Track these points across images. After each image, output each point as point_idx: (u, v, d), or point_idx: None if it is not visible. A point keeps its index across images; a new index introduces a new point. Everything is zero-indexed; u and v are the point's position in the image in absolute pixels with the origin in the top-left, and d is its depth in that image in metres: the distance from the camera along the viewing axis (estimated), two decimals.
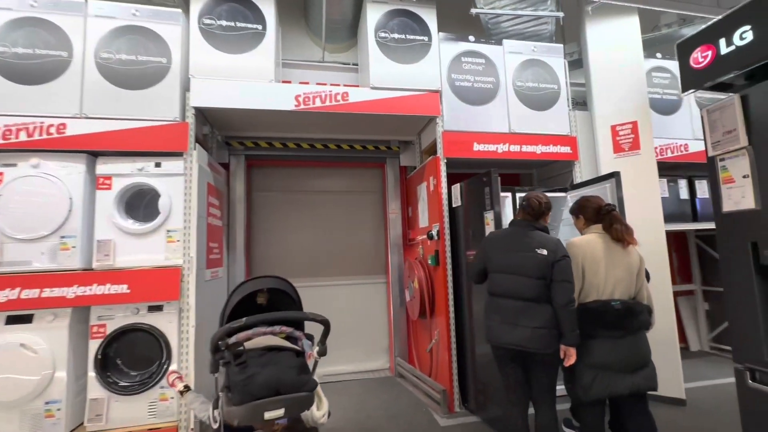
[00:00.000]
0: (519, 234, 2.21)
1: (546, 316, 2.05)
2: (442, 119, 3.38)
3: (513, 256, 2.14)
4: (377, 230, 4.49)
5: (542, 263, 2.06)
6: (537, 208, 2.22)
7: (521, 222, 2.26)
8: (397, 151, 4.23)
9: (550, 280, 2.06)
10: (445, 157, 3.33)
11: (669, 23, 3.91)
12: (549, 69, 3.67)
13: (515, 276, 2.12)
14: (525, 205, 2.26)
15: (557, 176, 3.92)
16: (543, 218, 2.26)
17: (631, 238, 2.06)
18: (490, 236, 2.39)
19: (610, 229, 2.10)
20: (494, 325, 2.17)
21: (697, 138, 3.94)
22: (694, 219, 3.98)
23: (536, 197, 2.25)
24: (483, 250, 2.32)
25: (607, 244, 2.09)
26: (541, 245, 2.10)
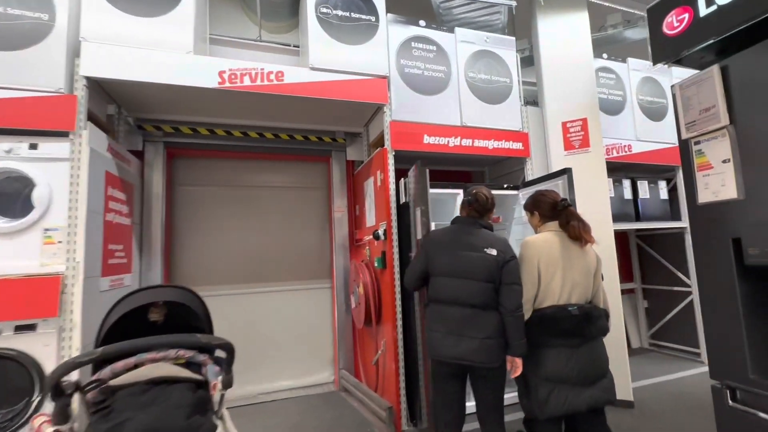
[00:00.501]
0: (465, 232, 1.99)
1: (494, 324, 1.86)
2: (390, 108, 3.09)
3: (459, 257, 1.92)
4: (322, 230, 4.10)
5: (491, 265, 1.86)
6: (484, 204, 2.03)
7: (467, 219, 2.05)
8: (343, 143, 3.88)
9: (498, 284, 1.88)
10: (393, 150, 3.04)
11: (615, 24, 3.95)
12: (501, 62, 3.52)
13: (461, 280, 1.89)
14: (471, 200, 2.05)
15: (509, 174, 3.79)
16: (488, 215, 2.08)
17: (588, 236, 1.88)
18: (432, 235, 2.14)
19: (567, 226, 1.91)
20: (438, 336, 1.91)
21: (639, 139, 4.01)
22: (636, 219, 4.04)
23: (483, 192, 2.06)
24: (423, 251, 2.07)
25: (563, 243, 1.90)
26: (490, 244, 1.91)
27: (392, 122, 3.07)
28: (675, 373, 3.74)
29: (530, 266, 1.87)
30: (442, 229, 2.15)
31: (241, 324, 3.67)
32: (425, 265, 2.02)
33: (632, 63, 4.11)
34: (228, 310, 3.65)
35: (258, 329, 3.74)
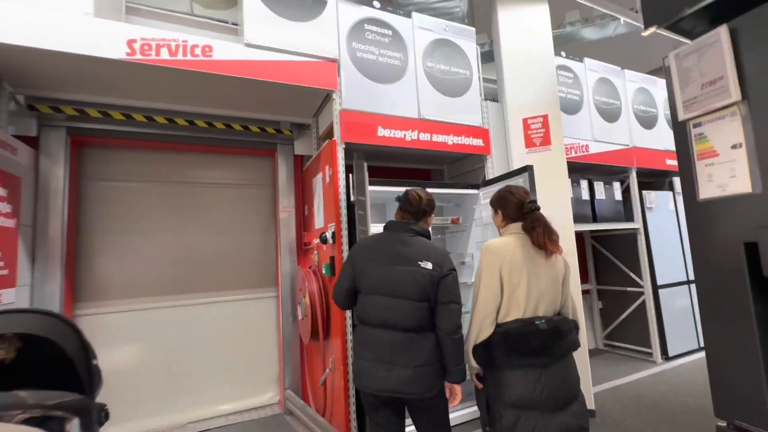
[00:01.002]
0: (397, 241, 1.71)
1: (430, 349, 1.62)
2: (340, 95, 2.76)
3: (390, 272, 1.64)
4: (266, 233, 3.67)
5: (426, 280, 1.61)
6: (417, 205, 1.76)
7: (399, 224, 1.77)
8: (290, 136, 3.48)
9: (434, 302, 1.63)
10: (344, 142, 2.70)
11: (573, 21, 3.90)
12: (461, 52, 3.31)
13: (392, 299, 1.62)
14: (402, 200, 1.79)
15: (469, 172, 3.59)
16: (425, 220, 1.81)
17: (554, 246, 1.64)
18: (359, 244, 1.84)
19: (532, 231, 1.67)
20: (365, 365, 1.64)
21: (596, 140, 3.98)
22: (593, 220, 4.01)
23: (416, 192, 1.80)
24: (349, 263, 1.77)
25: (527, 248, 1.65)
26: (425, 256, 1.65)
27: (342, 111, 2.73)
28: (631, 374, 3.72)
29: (492, 274, 1.61)
30: (372, 236, 1.85)
31: (168, 342, 3.16)
32: (352, 281, 1.73)
33: (589, 63, 4.08)
34: (152, 327, 3.13)
35: (190, 347, 3.24)
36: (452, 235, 3.58)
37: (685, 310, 4.34)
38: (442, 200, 3.44)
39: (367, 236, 1.90)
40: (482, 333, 1.61)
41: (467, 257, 3.36)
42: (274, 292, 3.58)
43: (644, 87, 4.55)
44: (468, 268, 3.37)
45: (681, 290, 4.36)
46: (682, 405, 2.95)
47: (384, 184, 2.77)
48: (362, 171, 2.32)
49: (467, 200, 3.32)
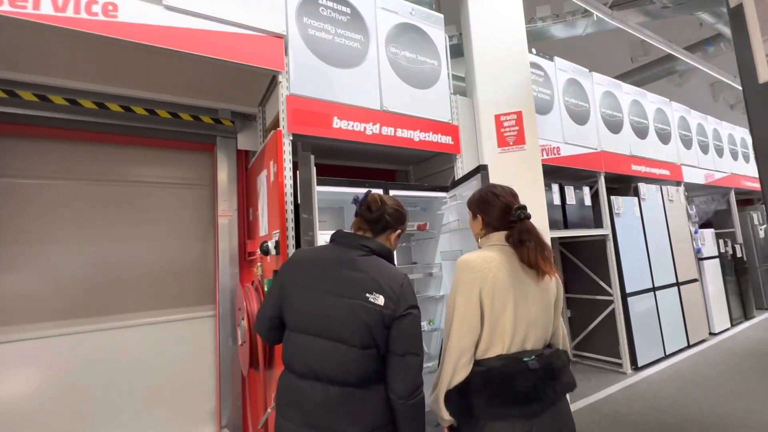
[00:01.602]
0: (341, 260, 1.27)
1: (378, 408, 1.18)
2: (288, 78, 2.32)
3: (325, 302, 1.20)
4: (204, 241, 3.12)
5: (374, 320, 1.17)
6: (378, 212, 1.33)
7: (349, 237, 1.33)
8: (231, 127, 2.98)
9: (385, 350, 1.20)
10: (291, 133, 2.27)
11: (543, 17, 3.71)
12: (429, 40, 2.98)
13: (326, 341, 1.18)
14: (359, 204, 1.37)
15: (437, 174, 3.26)
16: (387, 236, 1.39)
17: (548, 266, 1.29)
18: (294, 258, 1.36)
19: (520, 246, 1.31)
20: (289, 429, 1.20)
21: (567, 142, 3.81)
22: (564, 226, 3.82)
23: (379, 195, 1.38)
24: (278, 283, 1.32)
25: (513, 266, 1.31)
26: (377, 286, 1.20)
27: (290, 97, 2.30)
28: (603, 389, 3.53)
29: (469, 299, 1.25)
30: (312, 250, 1.39)
31: (81, 375, 2.54)
32: (278, 308, 1.28)
33: (559, 62, 3.92)
34: (59, 358, 2.50)
35: (108, 380, 2.63)
36: (419, 242, 3.23)
37: (651, 318, 4.26)
38: (407, 204, 3.07)
39: (306, 249, 1.44)
40: (457, 375, 1.24)
41: (435, 268, 3.02)
42: (212, 310, 3.04)
43: (610, 91, 4.48)
44: (436, 280, 3.03)
45: (648, 298, 4.29)
46: (662, 424, 2.76)
47: (337, 184, 2.36)
48: (308, 165, 1.90)
49: (435, 204, 2.98)
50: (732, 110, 10.13)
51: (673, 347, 4.39)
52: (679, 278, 4.73)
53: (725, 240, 5.81)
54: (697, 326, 4.81)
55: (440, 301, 2.99)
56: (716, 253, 5.54)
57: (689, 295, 4.80)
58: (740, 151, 6.81)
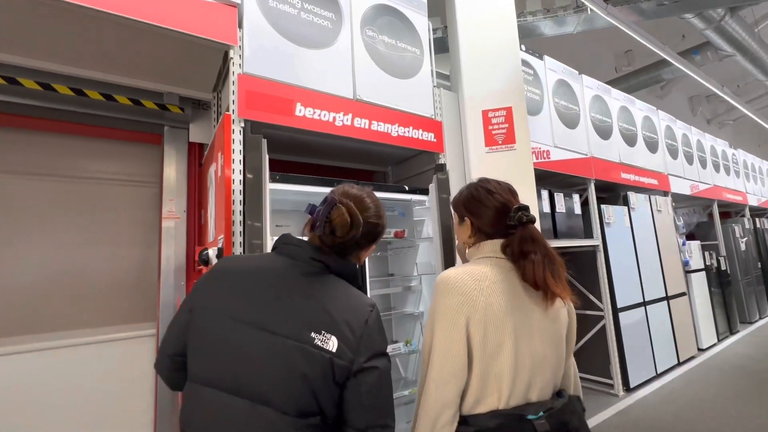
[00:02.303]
0: (285, 278, 0.88)
1: None
2: (242, 54, 1.95)
3: (246, 340, 0.81)
4: (148, 247, 2.69)
5: (319, 374, 0.78)
6: (344, 234, 0.91)
7: (299, 248, 0.93)
8: (180, 115, 2.58)
9: (335, 422, 0.81)
10: (243, 119, 1.89)
11: (534, 11, 3.49)
12: (410, 26, 2.68)
13: (241, 403, 0.78)
14: (318, 222, 0.91)
15: (418, 176, 2.93)
16: (357, 255, 1.01)
17: (560, 287, 0.95)
18: (215, 270, 0.94)
19: (522, 259, 0.97)
20: None
21: (557, 146, 3.56)
22: (554, 236, 3.55)
23: (348, 205, 0.92)
24: (187, 306, 0.91)
25: (512, 286, 0.97)
26: (329, 321, 0.82)
27: (243, 76, 1.93)
28: (596, 414, 3.23)
29: (453, 332, 0.90)
30: (244, 258, 0.96)
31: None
32: (182, 343, 0.88)
33: (549, 62, 3.69)
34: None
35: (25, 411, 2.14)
36: (396, 252, 2.88)
37: (642, 334, 4.03)
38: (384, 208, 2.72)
39: (236, 257, 1.01)
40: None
41: (414, 280, 2.67)
42: (152, 328, 2.59)
43: (600, 95, 4.29)
44: (415, 294, 2.68)
45: (638, 313, 4.05)
46: None
47: (303, 182, 1.99)
48: (258, 151, 1.53)
49: (414, 209, 2.65)
50: (708, 125, 10.33)
51: (664, 365, 4.16)
52: (669, 292, 4.53)
53: (710, 252, 5.71)
54: (687, 342, 4.61)
55: (419, 318, 2.64)
56: (702, 266, 5.41)
57: (678, 310, 4.61)
58: (722, 163, 6.80)
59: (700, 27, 3.92)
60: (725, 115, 10.00)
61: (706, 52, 4.87)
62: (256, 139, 1.54)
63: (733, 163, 7.25)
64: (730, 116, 10.01)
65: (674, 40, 6.11)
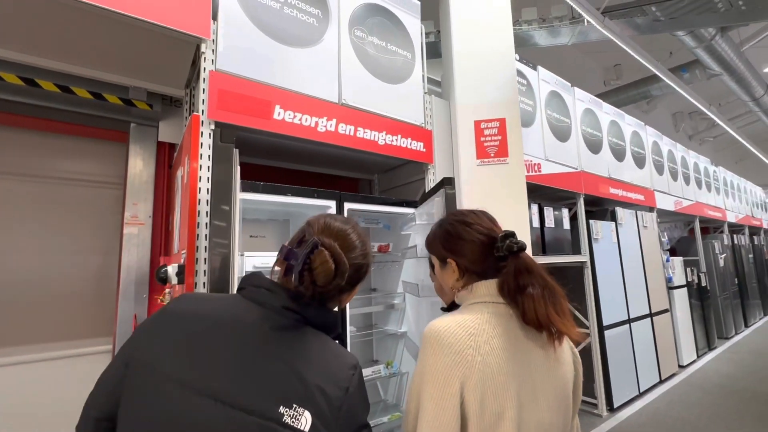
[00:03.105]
0: (246, 332, 0.70)
1: None
2: (215, 48, 1.77)
3: (196, 414, 0.62)
4: (107, 255, 2.45)
5: None
6: (327, 279, 0.74)
7: (271, 294, 0.75)
8: (148, 112, 2.36)
9: None
10: (214, 121, 1.71)
11: (529, 20, 3.40)
12: (402, 28, 2.53)
13: None
14: (296, 271, 0.73)
15: (405, 186, 2.79)
16: (339, 297, 0.84)
17: (565, 325, 0.81)
18: (163, 313, 0.74)
19: (520, 296, 0.82)
20: None
21: (548, 159, 3.47)
22: (543, 251, 3.45)
23: (332, 245, 0.77)
24: (122, 361, 0.70)
25: (511, 336, 0.81)
26: (302, 391, 0.65)
27: (216, 73, 1.74)
28: None
29: (443, 399, 0.73)
30: (203, 300, 0.76)
31: None
32: (112, 405, 0.67)
33: (542, 72, 3.61)
34: None
35: None
36: (379, 266, 2.72)
37: (626, 352, 3.98)
38: (369, 221, 2.57)
39: (194, 296, 0.81)
40: None
41: (397, 297, 2.51)
42: (109, 344, 2.36)
43: (591, 109, 4.24)
44: (398, 313, 2.52)
45: (623, 330, 4.00)
46: None
47: (276, 192, 1.81)
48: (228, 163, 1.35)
49: (400, 222, 2.50)
50: (690, 140, 10.56)
51: (647, 383, 4.12)
52: (652, 308, 4.51)
53: (692, 269, 5.75)
54: (668, 359, 4.60)
55: (401, 339, 2.48)
56: (684, 282, 5.44)
57: (661, 327, 4.59)
58: (704, 180, 6.90)
59: (691, 45, 3.92)
60: (706, 132, 10.24)
61: (695, 71, 4.91)
62: (226, 150, 1.36)
63: (714, 180, 7.38)
64: (711, 133, 10.25)
65: (662, 57, 6.17)
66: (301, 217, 2.29)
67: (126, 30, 1.72)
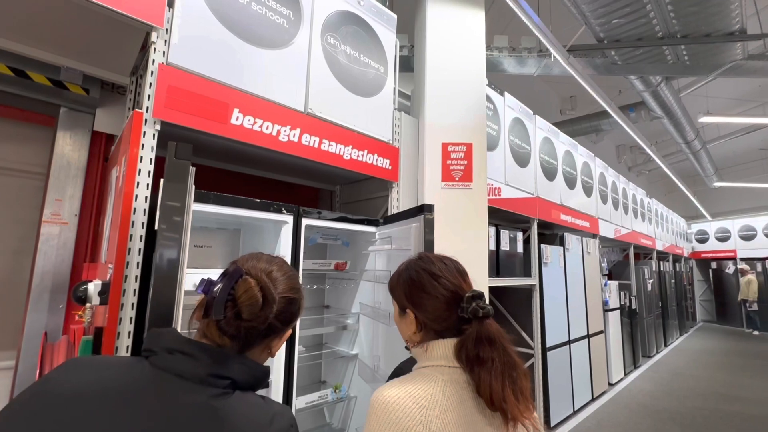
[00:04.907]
0: (150, 413, 0.56)
1: None
2: (168, 39, 1.58)
3: None
4: (20, 256, 2.12)
5: None
6: (258, 320, 0.68)
7: (194, 360, 0.63)
8: (84, 97, 2.08)
9: None
10: (160, 120, 1.52)
11: (500, 47, 3.47)
12: (377, 40, 2.46)
13: None
14: (218, 303, 0.66)
15: (368, 201, 2.71)
16: (267, 344, 0.75)
17: (522, 410, 0.75)
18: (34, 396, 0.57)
19: (477, 366, 0.76)
20: None
21: (508, 184, 3.56)
22: (497, 273, 3.52)
23: (259, 282, 0.70)
24: None
25: (466, 410, 0.75)
26: None
27: (167, 68, 1.55)
28: None
29: None
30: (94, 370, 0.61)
31: None
32: None
33: (508, 99, 3.70)
34: None
35: None
36: (334, 284, 2.61)
37: (565, 372, 4.17)
38: (327, 236, 2.46)
39: (80, 361, 0.64)
40: None
41: (351, 317, 2.42)
42: (12, 359, 2.03)
43: (549, 138, 4.44)
44: (351, 334, 2.42)
45: (563, 351, 4.20)
46: None
47: (228, 203, 1.65)
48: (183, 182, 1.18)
49: (360, 240, 2.41)
50: (629, 172, 11.51)
51: (581, 401, 4.35)
52: (590, 330, 4.79)
53: (625, 292, 6.22)
54: (600, 378, 4.90)
55: (352, 361, 2.39)
56: (618, 305, 5.86)
57: (596, 347, 4.89)
58: (639, 210, 7.53)
59: (640, 88, 4.25)
60: (643, 165, 11.22)
61: (641, 111, 5.35)
62: (181, 167, 1.16)
63: (647, 210, 8.08)
64: (647, 167, 11.25)
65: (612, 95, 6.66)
66: (255, 228, 2.13)
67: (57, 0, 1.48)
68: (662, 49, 3.33)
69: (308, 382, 2.51)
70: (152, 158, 1.48)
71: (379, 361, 2.12)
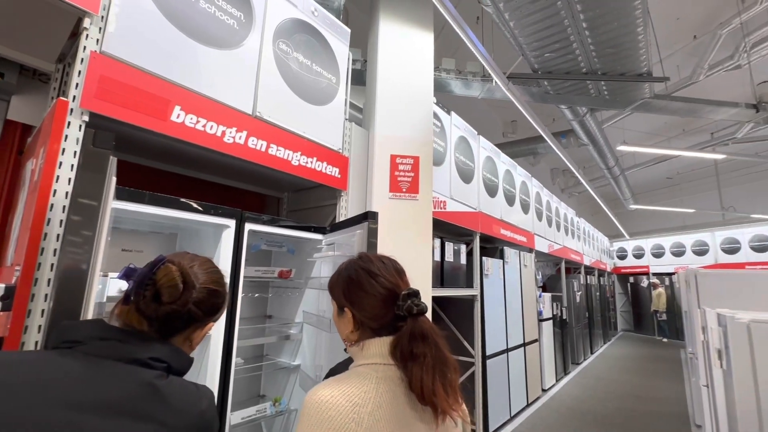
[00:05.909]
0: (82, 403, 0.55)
1: None
2: (103, 27, 1.48)
3: None
4: None
5: None
6: (177, 305, 0.70)
7: (128, 345, 0.64)
8: None
9: None
10: (88, 111, 1.41)
11: (448, 69, 3.68)
12: (329, 51, 2.50)
13: None
14: (138, 285, 0.69)
15: (316, 209, 2.69)
16: (189, 333, 0.76)
17: (450, 403, 0.78)
18: None
19: (410, 362, 0.79)
20: None
21: (453, 198, 3.73)
22: (441, 283, 3.64)
23: (181, 268, 0.73)
24: None
25: (399, 407, 0.78)
26: None
27: (99, 56, 1.45)
28: None
29: None
30: (17, 364, 0.57)
31: None
32: None
33: (455, 118, 3.92)
34: None
35: None
36: (278, 293, 2.54)
37: (502, 379, 4.38)
38: (273, 244, 2.39)
39: (4, 356, 0.62)
40: None
41: (294, 327, 2.36)
42: None
43: (491, 157, 4.75)
44: (293, 344, 2.36)
45: (502, 359, 4.41)
46: None
47: (165, 204, 1.56)
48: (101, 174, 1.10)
49: (306, 247, 2.38)
50: (562, 193, 12.59)
51: (517, 407, 4.57)
52: (526, 339, 5.09)
53: (557, 303, 6.71)
54: (534, 384, 5.20)
55: (294, 372, 2.32)
56: (551, 315, 6.30)
57: (531, 355, 5.20)
58: (570, 228, 8.24)
59: (569, 117, 4.74)
60: (573, 188, 12.35)
61: (570, 138, 5.93)
62: (99, 156, 1.08)
63: (577, 228, 8.87)
64: (577, 189, 12.39)
65: (547, 122, 7.33)
66: (193, 232, 2.02)
67: None
68: (586, 83, 3.77)
69: (246, 397, 2.39)
70: (77, 151, 1.36)
71: (321, 371, 2.08)
